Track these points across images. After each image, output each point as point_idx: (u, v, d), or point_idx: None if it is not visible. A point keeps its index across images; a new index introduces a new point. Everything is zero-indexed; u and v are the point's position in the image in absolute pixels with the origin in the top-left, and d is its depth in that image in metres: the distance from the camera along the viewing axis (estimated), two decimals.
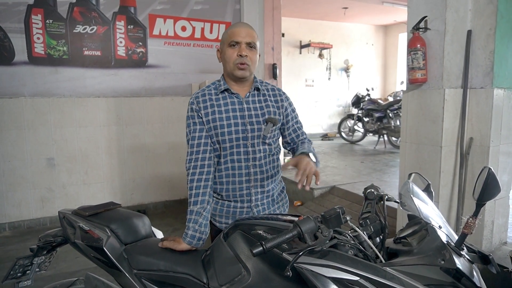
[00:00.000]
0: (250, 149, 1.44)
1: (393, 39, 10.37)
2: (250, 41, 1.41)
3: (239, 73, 1.42)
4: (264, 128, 1.45)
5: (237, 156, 1.44)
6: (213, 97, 1.46)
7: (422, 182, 1.25)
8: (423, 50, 2.36)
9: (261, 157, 1.46)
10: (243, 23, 1.49)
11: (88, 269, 2.09)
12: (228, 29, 1.46)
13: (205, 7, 4.30)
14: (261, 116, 1.46)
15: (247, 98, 1.48)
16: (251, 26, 1.48)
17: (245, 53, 1.40)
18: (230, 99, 1.46)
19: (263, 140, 1.46)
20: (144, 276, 1.27)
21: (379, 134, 7.04)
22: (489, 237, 2.48)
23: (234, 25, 1.47)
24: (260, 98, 1.50)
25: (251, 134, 1.44)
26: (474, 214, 0.95)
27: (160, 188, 4.31)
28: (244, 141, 1.43)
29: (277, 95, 1.55)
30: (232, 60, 1.41)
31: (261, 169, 1.46)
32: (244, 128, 1.43)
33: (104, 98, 3.94)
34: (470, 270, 0.91)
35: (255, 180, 1.46)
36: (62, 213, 1.51)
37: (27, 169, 3.67)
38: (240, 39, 1.40)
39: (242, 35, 1.41)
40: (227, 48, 1.43)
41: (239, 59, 1.40)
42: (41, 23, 3.59)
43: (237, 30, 1.42)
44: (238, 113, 1.44)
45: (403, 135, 2.65)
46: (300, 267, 0.93)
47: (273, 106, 1.50)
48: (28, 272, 1.42)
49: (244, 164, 1.44)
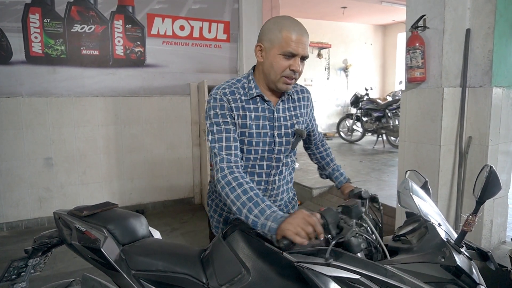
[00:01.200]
0: (274, 164, 1.33)
1: (392, 38, 10.38)
2: (306, 55, 1.23)
3: (283, 87, 1.25)
4: (292, 142, 1.33)
5: (259, 169, 1.32)
6: (242, 98, 1.27)
7: (419, 180, 1.25)
8: (421, 49, 2.36)
9: (282, 171, 1.36)
10: (300, 26, 1.21)
11: (85, 270, 2.08)
12: (281, 28, 1.19)
13: (204, 6, 4.29)
14: (290, 127, 1.33)
15: (278, 106, 1.32)
16: (306, 29, 1.23)
17: (300, 69, 1.22)
18: (261, 105, 1.29)
19: (288, 154, 1.37)
20: (143, 277, 1.26)
21: (378, 134, 7.03)
22: (488, 237, 2.47)
23: (290, 26, 1.19)
24: (290, 105, 1.36)
25: (278, 147, 1.31)
26: (474, 211, 0.96)
27: (159, 188, 4.30)
28: (269, 154, 1.31)
29: (305, 99, 1.41)
30: (281, 71, 1.21)
31: (279, 184, 1.37)
32: (272, 140, 1.30)
33: (102, 97, 3.93)
34: (470, 267, 0.92)
35: (270, 196, 1.37)
36: (57, 214, 1.49)
37: (24, 169, 3.65)
38: (299, 51, 1.19)
39: (301, 47, 1.19)
40: (278, 54, 1.20)
41: (291, 73, 1.22)
42: (39, 22, 3.58)
43: (297, 39, 1.18)
44: (267, 123, 1.29)
45: (401, 134, 2.65)
46: (301, 266, 0.93)
47: (301, 114, 1.38)
48: (22, 274, 1.41)
49: (264, 179, 1.33)
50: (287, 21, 1.21)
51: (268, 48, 1.22)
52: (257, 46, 1.26)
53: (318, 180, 4.27)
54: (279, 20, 1.23)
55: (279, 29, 1.19)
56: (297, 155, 1.47)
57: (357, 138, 7.74)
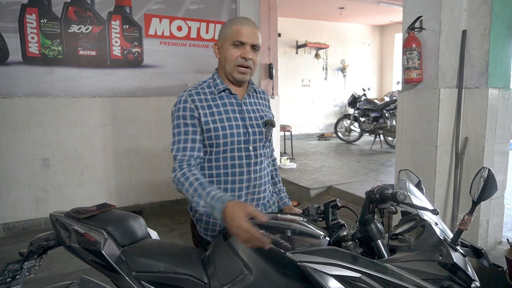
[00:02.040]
0: (252, 153, 1.38)
1: (389, 39, 10.41)
2: (256, 43, 1.33)
3: (239, 76, 1.35)
4: (265, 131, 1.41)
5: (238, 160, 1.36)
6: (208, 96, 1.36)
7: (412, 179, 1.26)
8: (418, 50, 2.37)
9: (262, 161, 1.42)
10: (248, 20, 1.35)
11: (82, 271, 2.07)
12: (231, 23, 1.34)
13: (201, 6, 4.29)
14: (259, 118, 1.41)
15: (245, 100, 1.42)
16: (256, 24, 1.36)
17: (250, 56, 1.32)
18: (228, 99, 1.38)
19: (264, 144, 1.43)
20: (144, 278, 1.25)
21: (375, 134, 7.06)
22: (484, 237, 2.49)
23: (238, 21, 1.35)
24: (256, 100, 1.47)
25: (253, 137, 1.38)
26: (470, 211, 0.99)
27: (156, 189, 4.29)
28: (245, 144, 1.37)
29: (265, 99, 1.54)
30: (234, 60, 1.32)
31: (261, 174, 1.41)
32: (245, 130, 1.37)
33: (100, 98, 3.92)
34: (465, 264, 0.95)
35: (254, 187, 1.39)
36: (54, 216, 1.48)
37: (21, 170, 3.64)
38: (246, 39, 1.30)
39: (248, 35, 1.30)
40: (229, 46, 1.32)
41: (242, 61, 1.32)
42: (36, 23, 3.57)
43: (243, 29, 1.30)
44: (238, 115, 1.37)
45: (398, 135, 2.66)
46: (304, 265, 0.95)
47: (264, 110, 1.48)
48: (17, 277, 1.39)
49: (246, 169, 1.37)
50: (237, 18, 1.38)
51: (222, 43, 1.35)
52: (215, 45, 1.39)
53: (316, 181, 4.28)
54: (231, 19, 1.39)
55: (229, 25, 1.34)
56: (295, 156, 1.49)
57: (355, 138, 7.76)
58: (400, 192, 0.95)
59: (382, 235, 1.04)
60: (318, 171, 4.84)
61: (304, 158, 5.90)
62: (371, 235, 1.03)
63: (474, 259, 1.05)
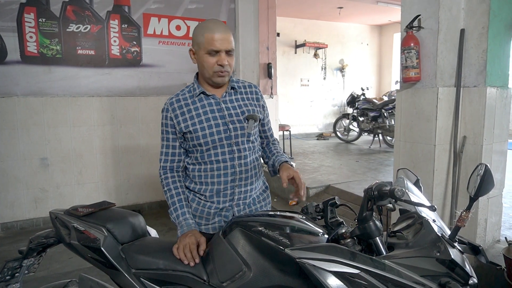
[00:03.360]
0: (235, 148, 1.42)
1: (387, 39, 10.43)
2: (229, 48, 1.36)
3: (219, 80, 1.40)
4: (247, 126, 1.43)
5: (222, 156, 1.42)
6: (188, 101, 1.43)
7: (410, 178, 1.27)
8: (416, 49, 2.37)
9: (246, 156, 1.45)
10: (219, 25, 1.37)
11: (81, 270, 2.07)
12: (202, 30, 1.35)
13: (200, 6, 4.29)
14: (241, 114, 1.44)
15: (224, 98, 1.46)
16: (226, 27, 1.39)
17: (226, 62, 1.36)
18: (206, 100, 1.44)
19: (247, 138, 1.45)
20: (143, 275, 1.26)
21: (374, 134, 7.07)
22: (483, 235, 2.49)
23: (209, 27, 1.35)
24: (238, 96, 1.49)
25: (234, 132, 1.42)
26: (468, 208, 1.01)
27: (155, 188, 4.29)
28: (227, 140, 1.41)
29: (253, 92, 1.53)
30: (211, 68, 1.37)
31: (246, 168, 1.45)
32: (226, 127, 1.41)
33: (98, 97, 3.92)
34: (462, 261, 0.96)
35: (240, 180, 1.44)
36: (54, 214, 1.48)
37: (20, 169, 3.63)
38: (220, 47, 1.33)
39: (221, 43, 1.33)
40: (204, 54, 1.36)
41: (219, 68, 1.36)
42: (34, 22, 3.56)
43: (215, 37, 1.33)
44: (217, 114, 1.42)
45: (397, 134, 2.66)
46: (303, 262, 0.96)
47: (251, 104, 1.49)
48: (17, 275, 1.40)
49: (229, 164, 1.42)
50: (208, 24, 1.37)
51: (197, 51, 1.39)
52: (190, 51, 1.43)
53: (315, 180, 4.28)
54: (202, 24, 1.39)
55: (201, 33, 1.35)
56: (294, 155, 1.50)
57: (354, 138, 7.77)
58: (398, 188, 0.95)
59: (380, 233, 1.05)
60: (317, 170, 4.85)
61: (303, 157, 5.90)
62: (369, 232, 1.04)
63: (472, 257, 1.06)
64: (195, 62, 1.43)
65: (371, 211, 1.05)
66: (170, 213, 1.42)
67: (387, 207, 1.04)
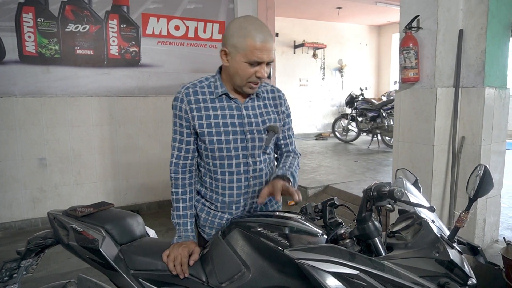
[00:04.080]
0: (250, 160, 1.32)
1: (386, 39, 10.44)
2: (271, 60, 1.22)
3: (249, 91, 1.28)
4: (265, 138, 1.32)
5: (236, 168, 1.31)
6: (207, 98, 1.29)
7: (409, 178, 1.27)
8: (415, 49, 2.38)
9: (262, 168, 1.35)
10: (265, 31, 1.19)
11: (80, 270, 2.07)
12: (246, 35, 1.17)
13: (199, 6, 4.29)
14: (261, 124, 1.32)
15: (246, 104, 1.32)
16: (271, 33, 1.23)
17: (265, 74, 1.23)
18: (227, 103, 1.30)
19: (264, 150, 1.35)
20: (142, 276, 1.26)
21: (373, 134, 7.08)
22: (481, 235, 2.50)
23: (254, 34, 1.17)
24: (260, 103, 1.36)
25: (251, 144, 1.31)
26: (467, 208, 1.00)
27: (154, 188, 4.29)
28: (243, 151, 1.30)
29: (276, 98, 1.41)
30: (247, 78, 1.23)
31: (261, 180, 1.36)
32: (243, 137, 1.29)
33: (97, 97, 3.91)
34: (461, 261, 0.96)
35: (254, 192, 1.36)
36: (52, 214, 1.48)
37: (18, 170, 3.62)
38: (264, 58, 1.19)
39: (266, 54, 1.19)
40: (242, 61, 1.19)
41: (256, 79, 1.23)
42: (32, 22, 3.55)
43: (262, 46, 1.17)
44: (236, 120, 1.29)
45: (396, 134, 2.67)
46: (302, 263, 0.96)
47: (273, 112, 1.37)
48: (15, 275, 1.39)
49: (244, 176, 1.32)
50: (251, 26, 1.19)
51: (233, 53, 1.21)
52: (222, 51, 1.25)
53: (314, 180, 4.28)
54: (243, 24, 1.20)
55: (243, 36, 1.18)
56: None
57: (352, 138, 7.78)
58: (397, 189, 0.95)
59: (379, 233, 1.05)
60: (315, 170, 4.85)
61: (301, 157, 5.87)
62: (368, 233, 1.03)
63: (471, 256, 1.06)
64: (227, 63, 1.25)
65: (370, 212, 1.05)
66: (172, 217, 1.35)
67: (386, 208, 1.04)
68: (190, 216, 1.34)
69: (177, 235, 1.31)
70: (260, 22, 1.22)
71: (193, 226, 1.35)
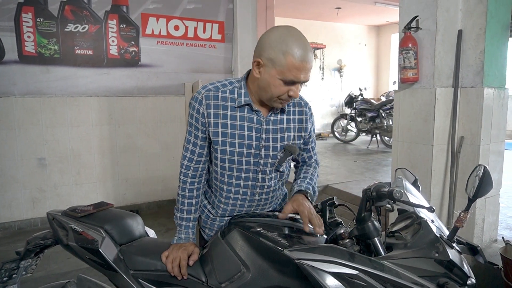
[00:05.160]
0: (259, 176, 1.27)
1: (385, 39, 10.45)
2: (308, 80, 1.14)
3: (279, 106, 1.20)
4: (280, 157, 1.26)
5: (244, 181, 1.27)
6: (228, 105, 1.20)
7: (409, 178, 1.27)
8: (414, 50, 2.38)
9: (270, 185, 1.31)
10: (306, 49, 1.09)
11: (80, 270, 2.07)
12: (287, 50, 1.07)
13: (198, 6, 4.29)
14: (279, 141, 1.25)
15: (269, 118, 1.24)
16: (311, 51, 1.13)
17: (298, 93, 1.16)
18: (248, 114, 1.22)
19: (276, 169, 1.29)
20: (141, 277, 1.26)
21: (372, 134, 7.08)
22: (480, 235, 2.50)
23: (297, 50, 1.07)
24: (283, 117, 1.27)
25: (264, 160, 1.25)
26: (466, 208, 1.01)
27: (153, 188, 4.29)
28: (255, 166, 1.25)
29: (302, 113, 1.32)
30: (279, 95, 1.14)
31: (267, 196, 1.33)
32: (257, 152, 1.23)
33: (96, 97, 3.91)
34: (461, 261, 0.96)
35: (257, 206, 1.34)
36: (51, 215, 1.48)
37: (17, 169, 3.62)
38: (301, 78, 1.11)
39: (304, 74, 1.11)
40: (277, 78, 1.10)
41: (287, 98, 1.16)
42: (32, 22, 3.55)
43: (301, 66, 1.08)
44: (254, 134, 1.22)
45: (395, 134, 2.67)
46: (301, 263, 0.96)
47: (295, 129, 1.29)
48: (14, 276, 1.38)
49: (250, 191, 1.29)
50: (292, 41, 1.08)
51: (268, 67, 1.12)
52: (254, 62, 1.15)
53: None
54: (284, 37, 1.09)
55: (282, 51, 1.07)
56: None
57: (352, 138, 7.78)
58: (396, 190, 0.95)
59: (379, 233, 1.05)
60: None
61: None
62: (368, 233, 1.04)
63: (470, 256, 1.07)
64: (258, 75, 1.15)
65: (370, 212, 1.05)
66: (175, 217, 1.33)
67: (385, 208, 1.04)
68: (193, 220, 1.32)
69: (177, 236, 1.30)
70: (303, 37, 1.12)
71: (194, 229, 1.34)
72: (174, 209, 1.34)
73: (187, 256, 1.22)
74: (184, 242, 1.28)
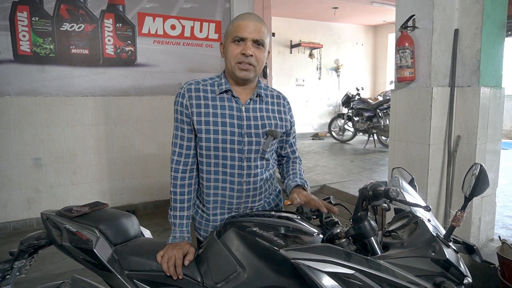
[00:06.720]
0: (245, 164, 1.28)
1: (382, 39, 10.48)
2: (257, 38, 1.22)
3: (240, 74, 1.25)
4: (263, 142, 1.28)
5: (230, 169, 1.28)
6: (208, 96, 1.28)
7: (405, 177, 1.27)
8: (411, 49, 2.38)
9: (257, 173, 1.31)
10: (252, 15, 1.26)
11: (74, 271, 2.05)
12: (234, 20, 1.26)
13: (195, 5, 4.28)
14: (261, 127, 1.29)
15: (248, 105, 1.30)
16: (261, 18, 1.27)
17: (250, 52, 1.21)
18: (228, 102, 1.28)
19: (261, 155, 1.30)
20: (136, 277, 1.24)
21: (369, 133, 7.10)
22: (476, 234, 2.51)
23: (241, 16, 1.25)
24: (262, 106, 1.33)
25: (248, 147, 1.27)
26: (462, 207, 1.01)
27: (150, 188, 4.27)
28: (239, 153, 1.27)
29: (281, 105, 1.38)
30: (234, 58, 1.23)
31: (255, 186, 1.32)
32: (240, 139, 1.26)
33: (93, 97, 3.89)
34: (457, 260, 0.96)
35: (247, 197, 1.33)
36: (45, 215, 1.46)
37: (12, 170, 3.59)
38: (246, 35, 1.21)
39: (249, 30, 1.21)
40: (230, 43, 1.24)
41: (242, 58, 1.22)
42: (27, 21, 3.52)
43: (243, 24, 1.22)
44: (235, 121, 1.26)
45: (391, 133, 2.67)
46: (297, 263, 0.95)
47: (275, 118, 1.34)
48: (8, 277, 1.37)
49: (237, 180, 1.29)
50: (241, 14, 1.28)
51: (225, 42, 1.29)
52: (220, 45, 1.34)
53: (310, 180, 4.28)
54: (235, 17, 1.29)
55: (232, 22, 1.27)
56: None
57: (349, 137, 7.80)
58: (392, 189, 0.95)
59: (375, 232, 1.05)
60: (312, 170, 4.85)
61: None
62: (364, 232, 1.03)
63: (466, 255, 1.06)
64: (223, 56, 1.31)
65: (366, 211, 1.05)
66: (169, 216, 1.33)
67: (382, 207, 1.03)
68: (187, 218, 1.32)
69: (172, 235, 1.29)
70: (251, 12, 1.30)
71: (189, 228, 1.33)
72: (168, 209, 1.34)
73: (183, 256, 1.21)
74: (180, 242, 1.27)
